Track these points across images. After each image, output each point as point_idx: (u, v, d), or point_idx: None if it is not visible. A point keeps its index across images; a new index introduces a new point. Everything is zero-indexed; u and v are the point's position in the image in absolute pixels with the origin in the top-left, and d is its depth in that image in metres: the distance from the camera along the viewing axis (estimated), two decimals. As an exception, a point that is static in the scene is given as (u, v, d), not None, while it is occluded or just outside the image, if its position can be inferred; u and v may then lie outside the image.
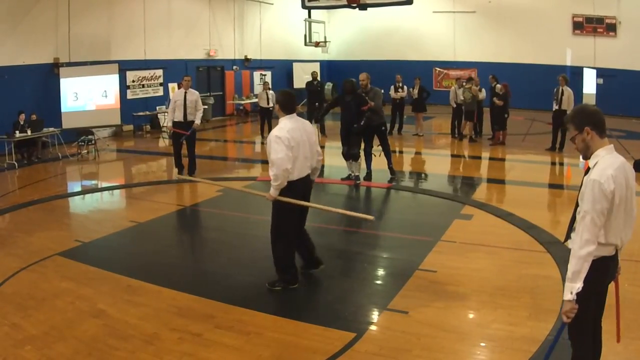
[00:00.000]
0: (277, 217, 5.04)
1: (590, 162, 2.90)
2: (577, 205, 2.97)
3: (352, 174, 9.47)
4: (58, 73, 13.81)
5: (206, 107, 17.73)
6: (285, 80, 23.34)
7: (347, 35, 25.23)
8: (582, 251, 2.75)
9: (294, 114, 5.02)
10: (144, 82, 16.83)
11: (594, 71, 19.67)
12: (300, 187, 4.98)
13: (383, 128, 9.76)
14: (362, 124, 9.13)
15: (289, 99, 5.04)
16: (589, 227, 2.76)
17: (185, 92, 9.93)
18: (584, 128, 2.87)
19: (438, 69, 23.47)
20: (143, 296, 4.97)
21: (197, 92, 10.26)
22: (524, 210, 7.46)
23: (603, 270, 2.87)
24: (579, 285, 2.76)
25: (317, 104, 14.94)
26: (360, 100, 9.33)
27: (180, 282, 5.26)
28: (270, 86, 15.86)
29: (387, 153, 9.81)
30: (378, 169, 9.81)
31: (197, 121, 10.08)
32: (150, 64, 16.96)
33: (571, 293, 2.77)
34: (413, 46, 23.50)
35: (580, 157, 2.97)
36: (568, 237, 3.10)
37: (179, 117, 9.88)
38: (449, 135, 14.88)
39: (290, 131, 4.81)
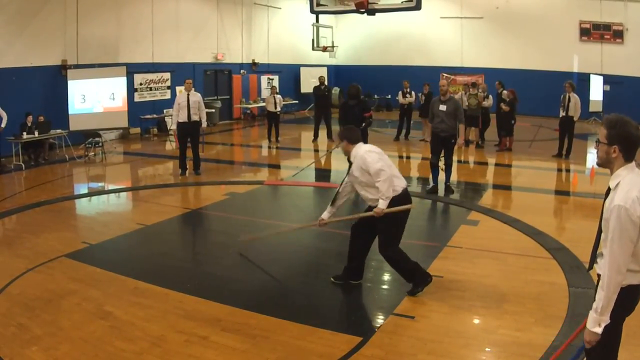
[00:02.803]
0: (393, 228, 5.06)
1: (611, 183, 2.72)
2: (599, 230, 2.79)
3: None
4: (66, 75, 13.91)
5: (213, 110, 17.94)
6: (292, 85, 23.42)
7: (355, 40, 25.30)
8: (612, 283, 2.60)
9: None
10: (152, 85, 16.91)
11: (601, 78, 19.67)
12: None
13: (453, 141, 9.07)
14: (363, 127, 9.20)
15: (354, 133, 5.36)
16: (618, 256, 2.59)
17: (188, 94, 10.44)
18: (614, 145, 2.67)
19: (445, 74, 23.43)
20: (150, 298, 4.99)
21: (199, 94, 10.77)
22: (530, 217, 7.45)
23: (632, 298, 2.74)
24: (607, 318, 2.63)
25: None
26: (364, 106, 9.27)
27: (186, 285, 5.28)
28: (277, 90, 15.90)
29: (449, 167, 9.21)
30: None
31: (204, 124, 10.82)
32: (157, 67, 17.05)
33: (600, 326, 2.62)
34: (420, 52, 23.55)
35: (586, 165, 2.90)
36: (593, 263, 2.91)
37: (183, 117, 10.42)
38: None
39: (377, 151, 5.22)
